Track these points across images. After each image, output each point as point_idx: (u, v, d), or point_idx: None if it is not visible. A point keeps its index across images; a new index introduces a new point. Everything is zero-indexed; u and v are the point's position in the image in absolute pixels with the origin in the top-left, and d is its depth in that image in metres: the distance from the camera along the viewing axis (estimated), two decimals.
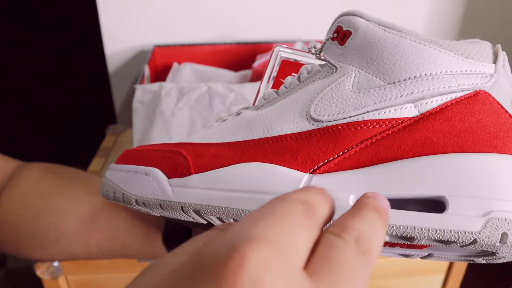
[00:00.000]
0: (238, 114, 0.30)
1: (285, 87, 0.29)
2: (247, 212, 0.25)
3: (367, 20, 0.27)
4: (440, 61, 0.25)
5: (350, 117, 0.25)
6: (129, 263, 0.61)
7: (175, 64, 0.82)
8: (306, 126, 0.26)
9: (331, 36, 0.28)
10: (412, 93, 0.24)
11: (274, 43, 0.84)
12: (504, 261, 0.25)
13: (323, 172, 0.25)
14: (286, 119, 0.27)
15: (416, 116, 0.24)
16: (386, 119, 0.24)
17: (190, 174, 0.27)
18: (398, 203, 0.23)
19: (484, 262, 0.26)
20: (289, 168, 0.25)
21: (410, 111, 0.24)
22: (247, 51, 0.85)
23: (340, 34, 0.28)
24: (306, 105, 0.26)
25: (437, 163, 0.23)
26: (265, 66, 0.78)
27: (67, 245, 0.43)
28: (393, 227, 0.23)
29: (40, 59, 1.29)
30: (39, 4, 1.23)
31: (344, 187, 0.24)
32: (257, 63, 0.78)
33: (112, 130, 0.88)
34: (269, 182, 0.25)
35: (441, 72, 0.25)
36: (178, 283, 0.14)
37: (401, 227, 0.22)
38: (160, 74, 0.84)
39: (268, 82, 0.37)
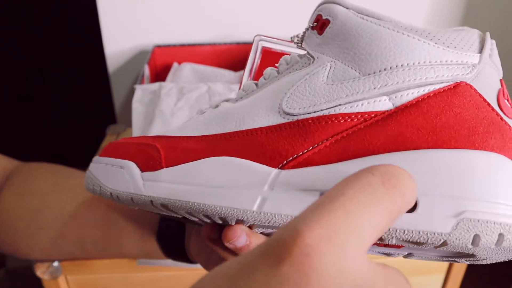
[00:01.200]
0: (216, 106, 0.29)
1: (264, 79, 0.28)
2: (213, 207, 0.24)
3: (347, 8, 0.26)
4: (418, 51, 0.23)
5: (321, 110, 0.24)
6: (129, 263, 0.61)
7: (175, 64, 0.82)
8: (277, 120, 0.25)
9: (311, 25, 0.27)
10: (386, 85, 0.23)
11: None
12: (488, 263, 0.24)
13: (292, 167, 0.24)
14: (259, 112, 0.26)
15: (390, 110, 0.23)
16: (359, 113, 0.23)
17: (161, 167, 0.27)
18: None
19: (467, 263, 0.25)
20: (258, 163, 0.24)
21: (384, 104, 0.23)
22: (247, 51, 0.85)
23: (320, 23, 0.27)
24: (279, 97, 0.26)
25: (408, 160, 0.21)
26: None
27: (63, 244, 0.43)
28: None
29: (40, 59, 1.29)
30: (39, 4, 1.23)
31: (311, 183, 0.23)
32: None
33: (112, 130, 0.88)
34: (236, 177, 0.24)
35: (418, 63, 0.23)
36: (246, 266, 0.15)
37: None
38: (160, 74, 0.84)
39: (250, 73, 0.36)
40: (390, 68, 0.23)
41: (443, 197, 0.20)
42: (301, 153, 0.24)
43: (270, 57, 0.35)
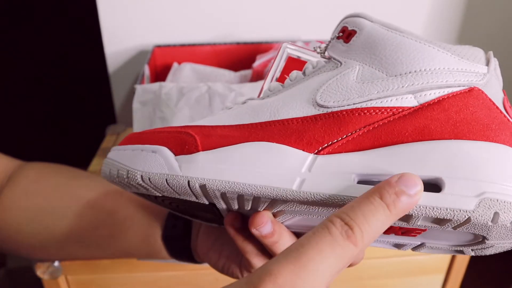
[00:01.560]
0: (244, 102, 0.31)
1: (290, 80, 0.30)
2: (254, 186, 0.26)
3: (372, 22, 0.29)
4: (439, 59, 0.27)
5: (354, 104, 0.27)
6: (129, 263, 0.61)
7: (175, 64, 0.82)
8: (312, 111, 0.27)
9: (336, 35, 0.30)
10: (412, 84, 0.26)
11: (274, 43, 0.84)
12: (492, 252, 0.27)
13: (327, 153, 0.26)
14: (293, 105, 0.28)
15: (416, 106, 0.26)
16: (388, 107, 0.26)
17: (198, 151, 0.28)
18: None
19: (473, 253, 0.28)
20: (295, 148, 0.27)
21: (410, 101, 0.26)
22: (247, 51, 0.85)
23: (345, 34, 0.30)
24: (312, 93, 0.28)
25: (434, 148, 0.24)
26: (265, 66, 0.78)
27: (67, 244, 0.43)
28: None
29: (40, 59, 1.29)
30: (39, 4, 1.23)
31: (347, 167, 0.25)
32: (257, 63, 0.78)
33: (112, 130, 0.88)
34: (275, 160, 0.26)
35: (439, 68, 0.26)
36: None
37: None
38: (160, 74, 0.84)
39: (273, 76, 0.38)
40: (415, 71, 0.27)
41: (465, 180, 0.23)
42: (335, 140, 0.26)
43: (293, 64, 0.38)
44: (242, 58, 0.86)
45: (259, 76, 0.78)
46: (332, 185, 0.25)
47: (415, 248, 0.30)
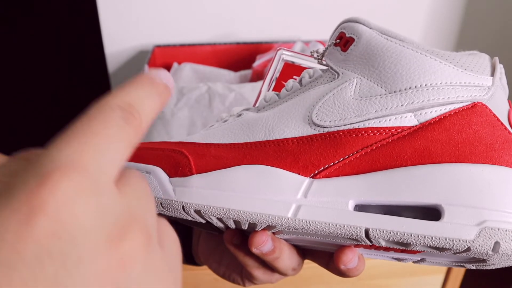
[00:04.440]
0: (239, 115, 0.30)
1: (286, 90, 0.29)
2: (248, 213, 0.25)
3: (370, 28, 0.27)
4: (441, 72, 0.25)
5: (351, 123, 0.26)
6: None
7: (175, 64, 0.82)
8: (307, 131, 0.26)
9: (334, 42, 0.29)
10: (412, 102, 0.25)
11: (274, 43, 0.84)
12: (494, 268, 0.26)
13: (323, 177, 0.25)
14: (288, 123, 0.27)
15: (416, 126, 0.25)
16: (387, 127, 0.25)
17: (192, 173, 0.27)
18: (395, 210, 0.24)
19: (474, 268, 0.27)
20: (290, 171, 0.26)
21: (410, 120, 0.25)
22: (247, 51, 0.85)
23: (343, 40, 0.28)
24: (308, 110, 0.27)
25: (434, 173, 0.23)
26: (265, 66, 0.78)
27: None
28: (390, 233, 0.23)
29: (40, 59, 1.29)
30: (39, 4, 1.23)
31: (344, 192, 0.24)
32: (257, 63, 0.78)
33: None
34: (270, 185, 0.25)
35: (441, 83, 0.25)
36: None
37: (398, 234, 0.23)
38: None
39: (269, 84, 0.37)
40: (415, 87, 0.25)
41: (465, 207, 0.22)
42: (332, 163, 0.25)
43: (289, 70, 0.36)
44: (242, 58, 0.86)
45: (259, 76, 0.78)
46: (328, 213, 0.24)
47: (416, 262, 0.29)
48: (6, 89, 1.32)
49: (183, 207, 0.27)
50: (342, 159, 0.25)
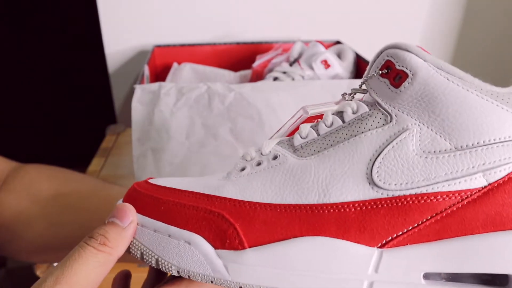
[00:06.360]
0: (274, 157, 0.27)
1: (326, 126, 0.26)
2: None
3: (425, 61, 0.24)
4: (509, 124, 0.23)
5: (418, 187, 0.23)
6: (128, 266, 0.61)
7: (175, 64, 0.82)
8: (370, 194, 0.24)
9: (379, 71, 0.25)
10: (484, 164, 0.23)
11: (274, 43, 0.84)
12: None
13: (391, 247, 0.23)
14: (345, 182, 0.24)
15: (485, 187, 0.23)
16: (456, 191, 0.23)
17: (244, 247, 0.24)
18: (456, 275, 0.23)
19: None
20: (356, 243, 0.23)
21: (479, 182, 0.23)
22: (247, 51, 0.85)
23: (392, 73, 0.25)
24: (365, 165, 0.24)
25: (507, 242, 0.22)
26: (265, 66, 0.78)
27: (63, 250, 0.43)
28: None
29: (40, 59, 1.29)
30: (39, 4, 1.23)
31: (416, 264, 0.23)
32: (257, 63, 0.78)
33: (112, 130, 0.88)
34: (337, 261, 0.23)
35: (509, 137, 0.23)
36: None
37: None
38: (160, 74, 0.84)
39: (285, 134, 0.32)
40: (483, 142, 0.23)
41: None
42: (401, 232, 0.23)
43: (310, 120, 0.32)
44: (242, 58, 0.86)
45: (259, 76, 0.78)
46: (401, 286, 0.23)
47: None
48: (6, 89, 1.32)
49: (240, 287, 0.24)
50: (411, 227, 0.23)
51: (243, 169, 0.27)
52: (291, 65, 0.72)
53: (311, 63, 0.70)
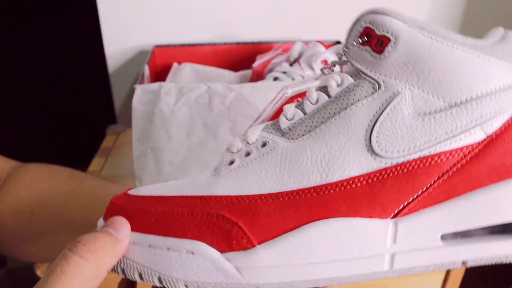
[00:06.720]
0: (264, 145, 0.25)
1: (312, 103, 0.25)
2: (340, 279, 0.23)
3: (405, 23, 0.23)
4: (497, 74, 0.23)
5: (421, 150, 0.23)
6: None
7: (175, 64, 0.82)
8: (373, 165, 0.23)
9: (359, 40, 0.24)
10: (481, 117, 0.23)
11: (274, 43, 0.84)
12: None
13: (404, 215, 0.23)
14: (345, 157, 0.23)
15: (485, 140, 0.23)
16: (458, 148, 0.23)
17: (253, 245, 0.22)
18: (469, 231, 0.23)
19: None
20: (367, 217, 0.22)
21: (478, 136, 0.23)
22: (247, 51, 0.85)
23: (374, 40, 0.24)
24: (362, 136, 0.23)
25: None
26: (265, 66, 0.78)
27: (61, 250, 0.43)
28: (487, 260, 0.23)
29: (40, 59, 1.29)
30: (39, 4, 1.23)
31: (430, 228, 0.23)
32: (257, 63, 0.78)
33: (112, 130, 0.88)
34: (354, 241, 0.22)
35: (499, 88, 0.23)
36: None
37: (495, 259, 0.23)
38: (160, 74, 0.84)
39: (266, 119, 0.31)
40: (476, 95, 0.23)
41: None
42: (411, 199, 0.23)
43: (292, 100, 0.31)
44: (242, 58, 0.86)
45: (259, 76, 0.78)
46: (423, 255, 0.23)
47: None
48: (6, 89, 1.32)
49: None
50: (420, 192, 0.23)
51: (232, 163, 0.25)
52: (291, 65, 0.72)
53: (311, 63, 0.70)
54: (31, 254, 0.44)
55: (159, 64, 0.84)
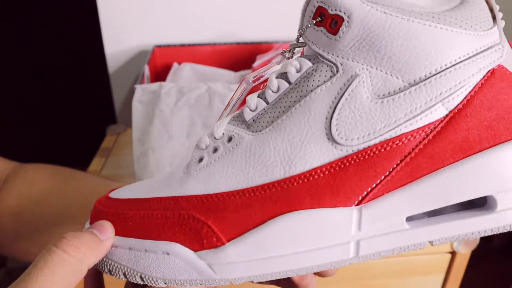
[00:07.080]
0: (230, 139, 0.25)
1: (273, 92, 0.24)
2: (307, 269, 0.23)
3: None
4: (457, 45, 0.21)
5: (381, 135, 0.22)
6: None
7: (175, 64, 0.82)
8: (333, 153, 0.22)
9: (313, 20, 0.23)
10: (441, 93, 0.22)
11: (274, 43, 0.84)
12: None
13: (369, 201, 0.22)
14: (307, 148, 0.23)
15: (447, 116, 0.22)
16: (419, 129, 0.22)
17: (223, 243, 0.23)
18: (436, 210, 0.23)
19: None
20: (331, 207, 0.22)
21: (440, 112, 0.22)
22: (247, 51, 0.85)
23: (327, 19, 0.22)
24: (322, 125, 0.23)
25: (478, 165, 0.21)
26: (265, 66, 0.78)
27: None
28: (452, 238, 0.22)
29: (40, 59, 1.29)
30: (39, 4, 1.23)
31: (395, 211, 0.22)
32: (257, 63, 0.78)
33: (112, 130, 0.88)
34: (319, 231, 0.22)
35: (460, 59, 0.22)
36: None
37: (460, 236, 0.22)
38: (160, 74, 0.84)
39: (231, 110, 0.29)
40: (435, 70, 0.22)
41: None
42: (374, 185, 0.22)
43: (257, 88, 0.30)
44: (242, 58, 0.86)
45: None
46: (388, 239, 0.22)
47: None
48: (6, 89, 1.32)
49: (231, 283, 0.24)
50: (383, 177, 0.22)
51: (201, 160, 0.25)
52: None
53: None
54: (31, 254, 0.44)
55: (159, 64, 0.84)
